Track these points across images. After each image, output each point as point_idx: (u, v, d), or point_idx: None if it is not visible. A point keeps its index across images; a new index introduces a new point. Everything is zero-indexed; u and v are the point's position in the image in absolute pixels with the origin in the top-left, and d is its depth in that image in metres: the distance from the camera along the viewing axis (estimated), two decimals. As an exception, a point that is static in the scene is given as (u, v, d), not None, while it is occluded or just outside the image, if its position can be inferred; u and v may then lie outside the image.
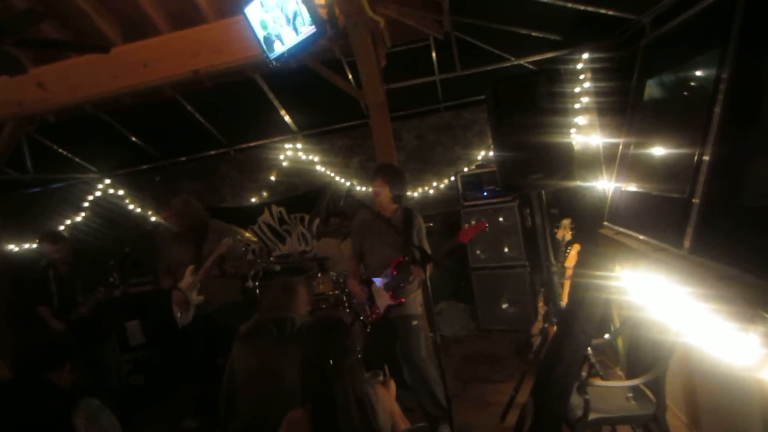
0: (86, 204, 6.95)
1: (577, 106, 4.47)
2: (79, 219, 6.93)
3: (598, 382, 3.00)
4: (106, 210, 6.99)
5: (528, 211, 5.20)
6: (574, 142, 3.25)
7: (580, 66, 4.34)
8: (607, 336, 3.26)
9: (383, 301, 3.44)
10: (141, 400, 5.04)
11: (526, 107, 3.07)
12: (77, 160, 6.77)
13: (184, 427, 4.20)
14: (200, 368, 4.12)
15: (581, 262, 3.62)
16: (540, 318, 4.10)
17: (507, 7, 4.06)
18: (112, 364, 4.50)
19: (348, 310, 4.60)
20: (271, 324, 2.59)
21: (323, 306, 4.76)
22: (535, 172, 3.09)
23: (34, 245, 6.47)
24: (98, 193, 6.97)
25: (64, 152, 6.57)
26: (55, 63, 4.41)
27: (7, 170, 6.23)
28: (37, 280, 4.35)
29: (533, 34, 4.33)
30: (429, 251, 3.44)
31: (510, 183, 3.24)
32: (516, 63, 5.04)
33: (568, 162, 3.05)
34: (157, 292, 4.33)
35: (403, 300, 3.40)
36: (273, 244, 6.63)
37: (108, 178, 7.00)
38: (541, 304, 4.24)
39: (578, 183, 3.37)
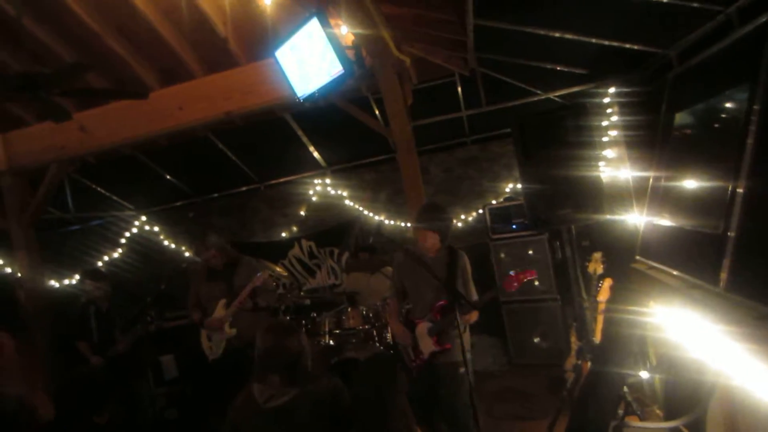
0: (123, 240, 7.19)
1: (605, 139, 4.43)
2: (116, 255, 7.15)
3: (635, 422, 2.91)
4: (142, 246, 7.22)
5: (558, 243, 5.13)
6: (603, 176, 3.21)
7: (607, 100, 4.33)
8: (643, 373, 3.17)
9: (427, 346, 3.22)
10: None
11: (552, 142, 3.08)
12: (115, 198, 7.04)
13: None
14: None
15: (614, 297, 3.54)
16: (573, 353, 4.01)
17: (531, 42, 4.10)
18: (147, 398, 4.57)
19: (378, 345, 4.57)
20: (306, 404, 2.18)
21: (353, 341, 4.74)
22: (564, 206, 3.07)
23: (74, 281, 6.70)
24: (135, 230, 7.21)
25: (103, 191, 6.85)
26: (97, 108, 4.67)
27: (50, 209, 6.51)
28: (79, 316, 4.48)
29: (558, 68, 4.36)
30: (474, 293, 3.33)
31: (538, 218, 3.23)
32: (543, 97, 5.06)
33: (596, 196, 3.03)
34: (192, 326, 4.41)
35: (449, 346, 3.18)
36: (303, 278, 6.69)
37: (144, 214, 7.24)
38: (573, 338, 4.15)
39: (607, 217, 3.31)
